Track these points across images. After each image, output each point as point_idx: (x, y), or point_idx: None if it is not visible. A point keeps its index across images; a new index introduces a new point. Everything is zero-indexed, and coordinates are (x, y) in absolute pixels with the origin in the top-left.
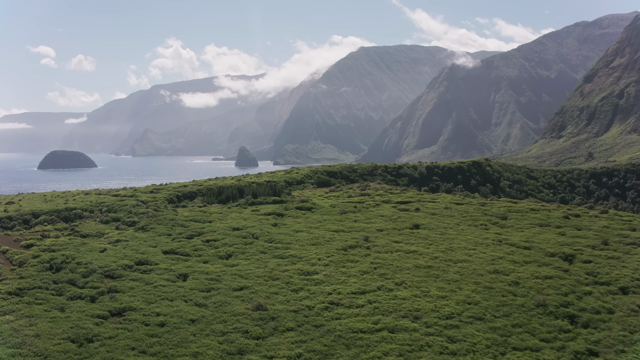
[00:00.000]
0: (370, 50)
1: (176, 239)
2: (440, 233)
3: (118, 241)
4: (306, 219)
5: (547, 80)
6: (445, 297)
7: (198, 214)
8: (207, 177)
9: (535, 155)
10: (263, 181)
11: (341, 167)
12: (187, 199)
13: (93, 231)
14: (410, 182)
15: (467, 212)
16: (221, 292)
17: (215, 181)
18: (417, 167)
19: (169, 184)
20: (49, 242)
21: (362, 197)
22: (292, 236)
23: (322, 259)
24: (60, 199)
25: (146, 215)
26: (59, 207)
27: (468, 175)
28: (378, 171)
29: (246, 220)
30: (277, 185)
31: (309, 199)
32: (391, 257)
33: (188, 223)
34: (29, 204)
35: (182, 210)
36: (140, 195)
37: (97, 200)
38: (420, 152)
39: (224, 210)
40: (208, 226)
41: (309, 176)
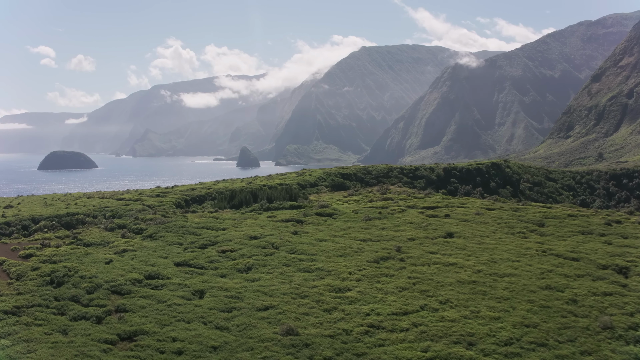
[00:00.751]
0: (372, 50)
1: (188, 249)
2: (477, 242)
3: (125, 251)
4: (328, 226)
5: (551, 80)
6: (498, 318)
7: (210, 220)
8: (210, 178)
9: (544, 155)
10: (275, 184)
11: (355, 169)
12: (196, 203)
13: (97, 239)
14: (427, 185)
15: (501, 218)
16: (244, 313)
17: (225, 184)
18: (434, 168)
19: (175, 187)
20: (50, 252)
21: (384, 201)
22: (316, 246)
23: (353, 272)
24: (61, 202)
25: (154, 222)
26: (60, 211)
27: (487, 177)
28: (393, 173)
29: (263, 228)
30: (293, 189)
31: (329, 204)
32: (429, 271)
33: (200, 231)
34: (29, 208)
35: (192, 216)
36: (146, 199)
37: (100, 205)
38: (423, 152)
39: (238, 216)
40: (222, 234)
41: (322, 178)
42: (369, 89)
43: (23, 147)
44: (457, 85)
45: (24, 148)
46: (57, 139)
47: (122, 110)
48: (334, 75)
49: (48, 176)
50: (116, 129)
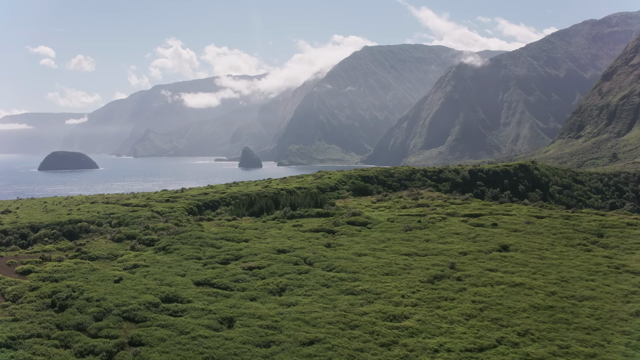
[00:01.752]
0: (374, 49)
1: (209, 265)
2: (538, 257)
3: (136, 267)
4: (364, 237)
5: (556, 79)
6: (594, 355)
7: (229, 230)
8: (213, 178)
9: (554, 156)
10: (294, 188)
11: (376, 172)
12: (209, 209)
13: (104, 252)
14: (452, 188)
15: (555, 227)
16: (286, 349)
17: (238, 187)
18: (459, 171)
19: (185, 191)
20: (51, 268)
21: (419, 208)
22: (355, 262)
23: (406, 295)
24: (62, 208)
25: (167, 232)
26: (61, 218)
27: (515, 179)
28: (417, 175)
29: (291, 240)
30: (317, 194)
31: (360, 212)
32: (495, 293)
33: (219, 242)
34: (27, 214)
35: (208, 225)
36: (155, 204)
37: (105, 211)
38: (427, 152)
39: (259, 225)
40: (245, 247)
41: (342, 182)
42: (371, 88)
43: (23, 148)
44: (461, 85)
45: (24, 148)
46: (57, 139)
47: (123, 111)
48: (336, 75)
49: (48, 177)
50: (117, 129)
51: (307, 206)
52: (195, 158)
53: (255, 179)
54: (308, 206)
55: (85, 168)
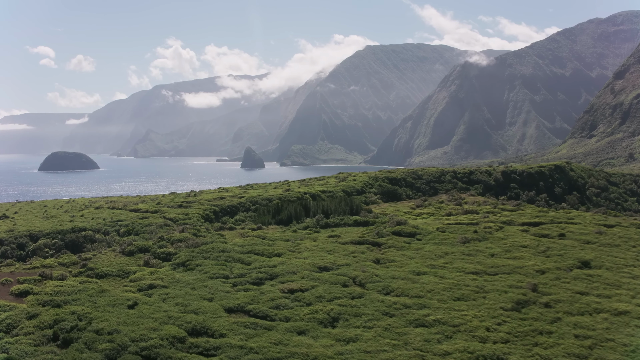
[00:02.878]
0: (377, 48)
1: (239, 285)
2: (629, 275)
3: (152, 287)
4: (417, 251)
5: (562, 79)
6: None
7: (256, 241)
8: (216, 179)
9: (567, 156)
10: (317, 191)
11: (404, 174)
12: (227, 215)
13: (113, 268)
14: (485, 190)
15: (631, 238)
16: None
17: (257, 191)
18: (491, 172)
19: (198, 195)
20: (52, 288)
21: (469, 215)
22: (415, 283)
23: (491, 328)
24: (64, 213)
25: (185, 244)
26: (63, 226)
27: (551, 181)
28: (446, 177)
29: (332, 254)
30: (352, 199)
31: (405, 220)
32: (598, 325)
33: (248, 257)
34: (26, 220)
35: (231, 235)
36: (167, 210)
37: (111, 217)
38: (432, 152)
39: (290, 235)
40: (279, 263)
41: (369, 184)
42: (374, 88)
43: (23, 148)
44: (466, 84)
45: (25, 149)
46: (57, 139)
47: (124, 111)
48: (339, 74)
49: (49, 178)
50: (117, 130)
51: (341, 213)
52: (197, 158)
53: (263, 181)
54: (342, 213)
55: (85, 169)
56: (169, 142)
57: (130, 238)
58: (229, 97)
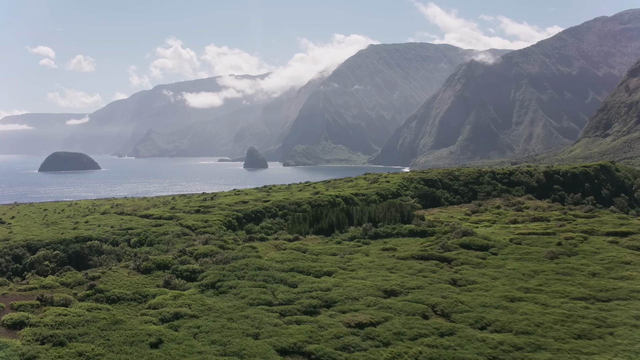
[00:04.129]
0: (380, 48)
1: (289, 316)
2: None
3: (178, 317)
4: (498, 269)
5: (569, 77)
6: None
7: (297, 255)
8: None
9: (583, 155)
10: (349, 195)
11: (439, 174)
12: (252, 221)
13: (127, 290)
14: (527, 192)
15: None
16: None
17: (282, 194)
18: (533, 173)
19: (216, 198)
20: (53, 317)
21: (539, 223)
22: (514, 313)
23: None
24: (66, 219)
25: (212, 259)
26: (65, 234)
27: (596, 182)
28: (485, 178)
29: (394, 273)
30: (403, 205)
31: (472, 230)
32: None
33: (292, 276)
34: (24, 227)
35: (264, 247)
36: (184, 216)
37: (120, 225)
38: (438, 152)
39: (334, 247)
40: (333, 285)
41: (403, 186)
42: (377, 87)
43: (24, 148)
44: (472, 83)
45: (25, 149)
46: (58, 139)
47: (124, 111)
48: (342, 74)
49: (49, 178)
50: (118, 130)
51: (391, 221)
52: (198, 158)
53: (269, 181)
54: (393, 220)
55: (86, 169)
56: (170, 143)
57: (143, 250)
58: (231, 96)
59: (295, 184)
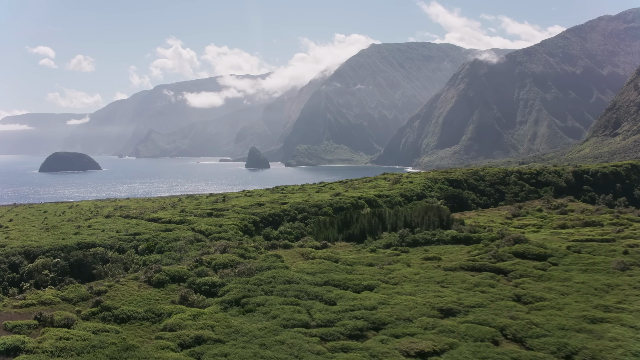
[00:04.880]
0: (382, 47)
1: (332, 342)
2: None
3: (200, 341)
4: (565, 283)
5: (573, 77)
6: None
7: (329, 266)
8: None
9: (592, 155)
10: (372, 196)
11: (464, 174)
12: (270, 226)
13: (138, 307)
14: (556, 193)
15: None
16: None
17: (299, 195)
18: (561, 172)
19: (228, 200)
20: (53, 342)
21: (593, 228)
22: (601, 338)
23: None
24: (67, 223)
25: (233, 270)
26: (66, 240)
27: (628, 182)
28: (511, 179)
29: (446, 287)
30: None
31: (525, 237)
32: None
33: (327, 291)
34: (22, 232)
35: (289, 255)
36: (195, 220)
37: (126, 229)
38: (441, 152)
39: (369, 255)
40: (378, 302)
41: (427, 187)
42: (380, 87)
43: (24, 149)
44: (475, 82)
45: (25, 149)
46: (58, 140)
47: (125, 111)
48: (344, 73)
49: (49, 179)
50: (119, 130)
51: (429, 226)
52: (199, 158)
53: (272, 181)
54: (432, 226)
55: (87, 169)
56: (171, 143)
57: (152, 257)
58: (232, 96)
59: (309, 184)
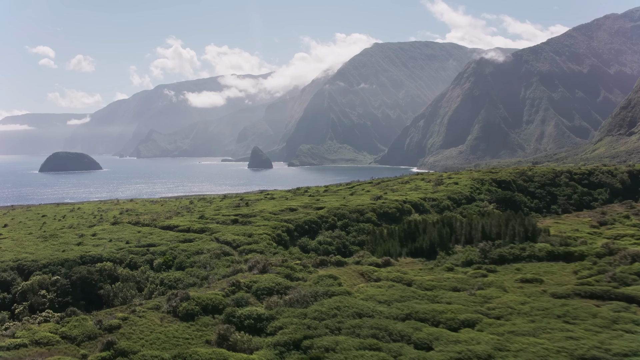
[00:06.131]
0: (385, 46)
1: None
2: None
3: None
4: None
5: (580, 76)
6: None
7: (403, 291)
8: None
9: (609, 154)
10: (417, 199)
11: (512, 175)
12: (306, 235)
13: (163, 352)
14: (612, 195)
15: None
16: None
17: (334, 199)
18: (615, 172)
19: (251, 204)
20: None
21: None
22: None
23: None
24: (68, 230)
25: (281, 297)
26: (67, 253)
27: None
28: (561, 179)
29: (570, 323)
30: (523, 216)
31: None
32: None
33: (414, 328)
34: (16, 241)
35: (346, 276)
36: (218, 228)
37: (137, 239)
38: (447, 151)
39: (448, 276)
40: (491, 347)
41: (475, 189)
42: (383, 86)
43: (24, 149)
44: (481, 81)
45: (26, 149)
46: (59, 140)
47: (126, 111)
48: (347, 73)
49: (50, 179)
50: (119, 130)
51: (514, 237)
52: (201, 159)
53: (276, 182)
54: (518, 238)
55: (88, 169)
56: (172, 143)
57: (172, 275)
58: (233, 96)
59: (334, 184)
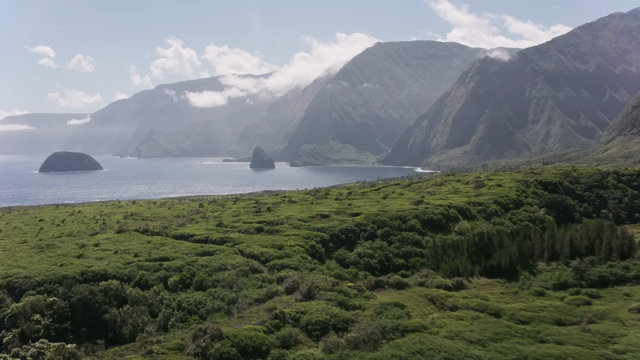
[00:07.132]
0: (387, 45)
1: None
2: None
3: None
4: None
5: (585, 75)
6: None
7: (498, 326)
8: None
9: (623, 154)
10: (462, 204)
11: (556, 175)
12: (343, 245)
13: None
14: None
15: None
16: None
17: (369, 204)
18: None
19: (274, 209)
20: None
21: None
22: None
23: None
24: (68, 239)
25: (342, 335)
26: (66, 268)
27: None
28: (609, 181)
29: None
30: (617, 227)
31: None
32: None
33: None
34: (8, 253)
35: (411, 301)
36: (241, 238)
37: (148, 251)
38: (451, 151)
39: (543, 303)
40: None
41: (521, 191)
42: (386, 86)
43: (25, 149)
44: (486, 81)
45: (26, 149)
46: (59, 140)
47: (126, 111)
48: (349, 72)
49: (50, 179)
50: (120, 130)
51: (609, 253)
52: (202, 159)
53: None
54: (616, 254)
55: (88, 169)
56: (172, 142)
57: (191, 297)
58: (234, 96)
59: (358, 186)
